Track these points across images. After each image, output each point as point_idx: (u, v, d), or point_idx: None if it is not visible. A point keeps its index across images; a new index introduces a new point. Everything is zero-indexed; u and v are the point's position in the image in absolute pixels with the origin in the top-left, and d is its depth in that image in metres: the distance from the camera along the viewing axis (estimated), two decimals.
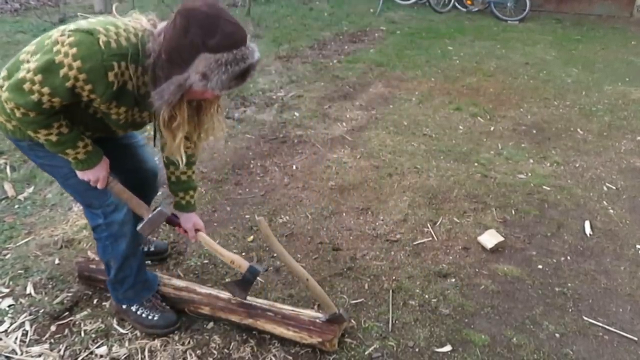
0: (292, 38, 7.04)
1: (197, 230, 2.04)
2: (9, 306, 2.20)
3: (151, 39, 1.54)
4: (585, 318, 2.29)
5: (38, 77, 1.50)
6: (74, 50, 1.47)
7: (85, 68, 1.48)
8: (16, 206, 2.95)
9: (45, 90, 1.51)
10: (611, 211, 3.14)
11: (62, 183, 1.91)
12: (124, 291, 2.06)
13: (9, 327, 2.10)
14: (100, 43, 1.48)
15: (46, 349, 2.00)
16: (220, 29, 1.43)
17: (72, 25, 1.54)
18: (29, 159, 1.97)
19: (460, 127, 4.36)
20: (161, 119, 1.61)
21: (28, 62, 1.56)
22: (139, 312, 2.08)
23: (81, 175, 1.78)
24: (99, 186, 1.82)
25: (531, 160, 3.79)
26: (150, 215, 1.91)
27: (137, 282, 2.06)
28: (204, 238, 2.07)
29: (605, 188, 3.42)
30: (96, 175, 1.79)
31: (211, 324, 2.16)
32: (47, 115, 1.58)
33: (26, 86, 1.51)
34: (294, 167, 3.58)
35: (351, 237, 2.82)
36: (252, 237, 2.77)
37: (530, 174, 3.57)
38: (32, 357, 1.96)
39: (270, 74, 5.55)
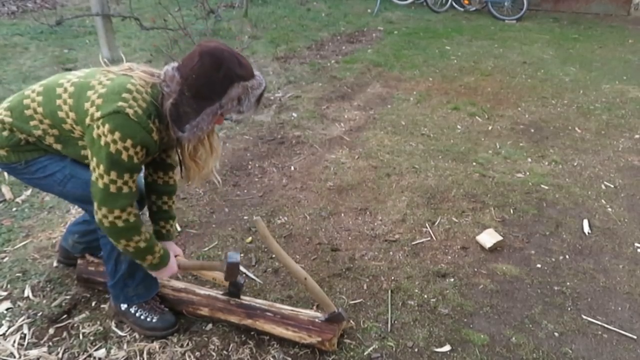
0: (290, 39, 7.03)
1: (175, 256, 2.12)
2: (7, 309, 2.20)
3: (164, 83, 1.70)
4: (584, 317, 2.29)
5: (113, 174, 1.65)
6: (117, 134, 1.61)
7: (137, 141, 1.65)
8: (14, 209, 2.94)
9: (127, 177, 1.68)
10: (609, 209, 3.14)
11: (60, 191, 1.93)
12: (136, 286, 2.05)
13: (7, 331, 2.09)
14: (132, 116, 1.63)
15: (44, 352, 2.00)
16: (241, 62, 1.68)
17: (92, 109, 1.65)
18: (23, 182, 2.02)
19: (459, 127, 4.36)
20: (187, 152, 1.81)
21: (41, 127, 1.76)
22: (137, 314, 2.08)
23: (155, 274, 1.98)
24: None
25: (529, 159, 3.80)
26: (226, 267, 1.97)
27: (148, 275, 2.05)
28: (181, 261, 2.12)
29: (603, 186, 3.42)
30: (169, 273, 1.99)
31: (210, 326, 2.16)
32: (137, 211, 1.77)
33: (112, 189, 1.67)
34: (292, 168, 3.57)
35: (350, 238, 2.81)
36: (250, 238, 2.77)
37: (528, 173, 3.57)
38: None
39: (268, 74, 5.54)
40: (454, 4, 9.80)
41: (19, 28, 6.97)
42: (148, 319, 2.07)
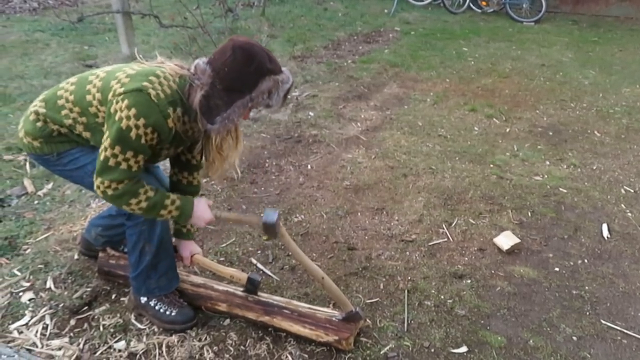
0: (307, 38, 7.05)
1: (192, 255, 2.17)
2: (29, 300, 2.24)
3: (195, 75, 1.73)
4: (603, 321, 2.27)
5: (117, 149, 1.67)
6: (133, 110, 1.64)
7: (149, 122, 1.66)
8: (36, 202, 2.99)
9: (129, 154, 1.69)
10: (629, 214, 3.11)
11: (90, 183, 1.92)
12: (158, 278, 2.08)
13: (29, 321, 2.13)
14: (152, 97, 1.66)
15: (66, 342, 2.03)
16: (271, 57, 1.72)
17: (117, 85, 1.69)
18: (54, 174, 2.05)
19: (476, 128, 4.34)
20: (214, 145, 1.84)
21: (71, 112, 1.80)
22: (157, 308, 2.10)
23: (191, 222, 1.96)
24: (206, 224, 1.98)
25: (547, 162, 3.77)
26: (262, 220, 1.92)
27: (170, 267, 2.09)
28: (200, 259, 2.18)
29: (623, 191, 3.39)
30: (200, 220, 1.93)
31: (227, 321, 2.18)
32: (135, 181, 1.75)
33: (111, 162, 1.68)
34: (309, 167, 3.59)
35: (366, 237, 2.82)
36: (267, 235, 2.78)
37: (546, 176, 3.54)
38: (52, 350, 1.99)
39: None
40: (471, 5, 9.74)
41: (41, 24, 7.08)
42: (167, 312, 2.10)
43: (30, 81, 4.86)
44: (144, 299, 2.12)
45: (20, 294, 2.27)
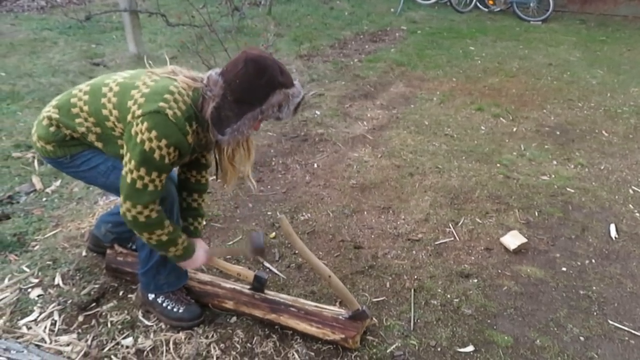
0: (313, 37, 7.05)
1: None
2: (38, 296, 2.25)
3: (207, 87, 1.74)
4: (611, 322, 2.26)
5: (143, 170, 1.70)
6: (154, 133, 1.66)
7: (171, 142, 1.69)
8: (44, 199, 3.01)
9: (154, 175, 1.72)
10: (637, 214, 3.09)
11: (103, 183, 1.98)
12: (167, 274, 2.09)
13: (38, 317, 2.14)
14: (171, 117, 1.68)
15: (74, 338, 2.05)
16: (283, 70, 1.74)
17: (135, 107, 1.71)
18: (69, 175, 2.06)
19: (482, 128, 4.32)
20: (225, 156, 1.86)
21: (89, 130, 1.84)
22: (164, 304, 2.11)
23: (182, 265, 2.03)
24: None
25: (555, 162, 3.75)
26: (250, 247, 2.04)
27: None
28: (211, 251, 2.18)
29: (631, 191, 3.37)
30: (192, 266, 2.05)
31: (234, 319, 2.19)
32: (161, 210, 1.82)
33: (138, 185, 1.72)
34: (315, 165, 3.59)
35: (372, 236, 2.82)
36: (274, 233, 2.79)
37: (553, 176, 3.53)
38: (60, 346, 2.00)
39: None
40: (478, 4, 9.70)
41: (48, 23, 7.12)
42: (175, 309, 2.11)
43: (39, 79, 4.89)
44: (151, 296, 2.14)
45: (29, 290, 2.29)
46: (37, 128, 1.93)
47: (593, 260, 2.68)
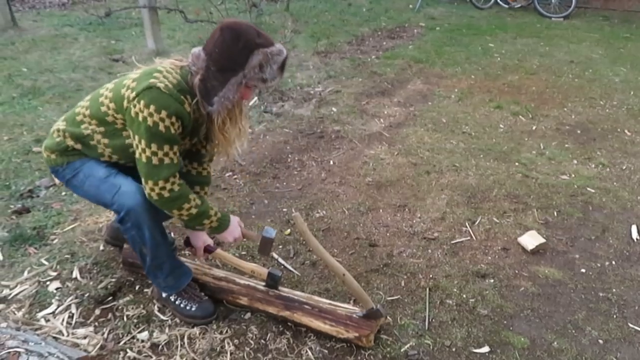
0: (330, 33, 7.03)
1: (206, 249, 2.21)
2: (56, 289, 2.29)
3: (191, 62, 1.80)
4: (631, 325, 2.21)
5: (154, 146, 1.75)
6: (153, 107, 1.71)
7: (171, 112, 1.74)
8: (63, 194, 3.06)
9: (167, 148, 1.77)
10: None
11: (83, 193, 2.04)
12: (165, 278, 2.10)
13: (56, 309, 2.17)
14: (163, 89, 1.73)
15: (91, 331, 2.07)
16: (260, 32, 1.77)
17: (128, 92, 1.77)
18: (64, 185, 2.09)
19: (501, 126, 4.27)
20: (216, 125, 1.88)
21: (100, 135, 1.90)
22: (177, 302, 2.12)
23: (220, 237, 2.09)
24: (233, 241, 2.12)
25: (575, 161, 3.68)
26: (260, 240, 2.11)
27: (174, 267, 2.11)
28: (221, 254, 2.23)
29: None
30: (230, 235, 2.07)
31: (248, 315, 2.19)
32: (183, 182, 1.86)
33: (155, 161, 1.76)
34: (331, 162, 3.58)
35: (388, 234, 2.80)
36: (289, 230, 2.79)
37: (573, 175, 3.47)
38: (77, 338, 2.03)
39: (308, 69, 5.56)
40: (498, 0, 9.58)
41: (69, 19, 7.22)
42: (187, 307, 2.12)
43: (59, 75, 4.96)
44: (164, 294, 2.15)
45: (48, 283, 2.32)
46: (47, 140, 2.03)
47: (613, 262, 2.62)
